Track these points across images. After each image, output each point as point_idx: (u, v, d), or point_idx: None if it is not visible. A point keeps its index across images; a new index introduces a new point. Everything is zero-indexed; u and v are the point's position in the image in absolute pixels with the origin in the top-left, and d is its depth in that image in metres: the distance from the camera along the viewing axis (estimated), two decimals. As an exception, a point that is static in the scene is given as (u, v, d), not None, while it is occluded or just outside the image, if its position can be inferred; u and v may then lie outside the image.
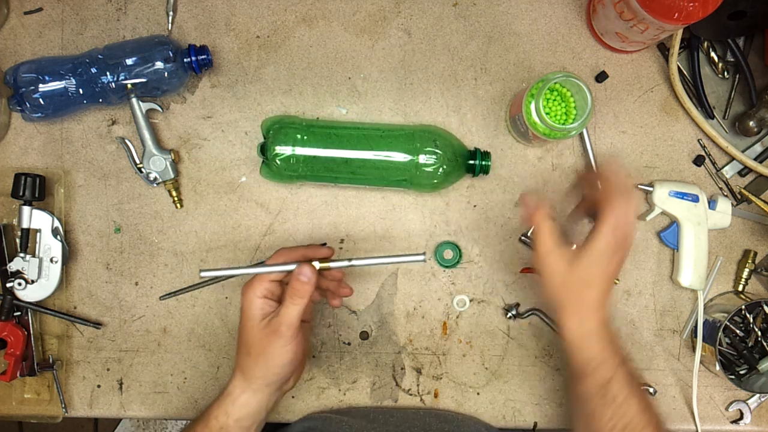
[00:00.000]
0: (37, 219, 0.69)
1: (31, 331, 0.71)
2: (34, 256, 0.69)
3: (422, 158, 0.66)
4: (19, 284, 0.68)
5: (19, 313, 0.71)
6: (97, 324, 0.72)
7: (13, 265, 0.69)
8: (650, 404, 0.57)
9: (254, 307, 0.58)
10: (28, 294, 0.69)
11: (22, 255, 0.69)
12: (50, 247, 0.70)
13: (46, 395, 0.73)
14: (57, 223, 0.70)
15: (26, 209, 0.69)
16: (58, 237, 0.70)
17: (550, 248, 0.57)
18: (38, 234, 0.70)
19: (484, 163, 0.69)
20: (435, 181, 0.67)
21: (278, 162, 0.66)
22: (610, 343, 0.57)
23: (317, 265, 0.60)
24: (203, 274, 0.61)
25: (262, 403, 0.59)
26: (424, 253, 0.60)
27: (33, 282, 0.69)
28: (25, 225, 0.69)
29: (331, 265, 0.61)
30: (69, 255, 0.72)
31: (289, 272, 0.60)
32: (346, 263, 0.60)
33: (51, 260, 0.70)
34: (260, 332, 0.58)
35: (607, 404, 0.56)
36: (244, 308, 0.59)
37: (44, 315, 0.73)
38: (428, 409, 0.73)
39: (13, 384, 0.73)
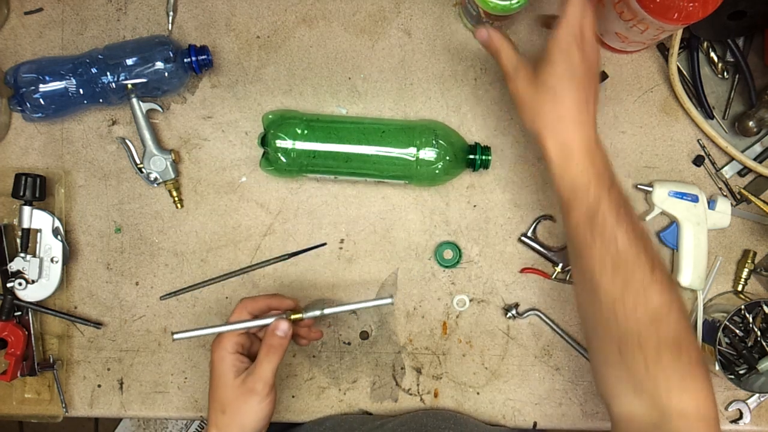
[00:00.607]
0: (37, 219, 0.70)
1: (32, 331, 0.71)
2: (34, 256, 0.69)
3: (423, 153, 0.66)
4: (20, 284, 0.68)
5: (19, 313, 0.71)
6: (98, 324, 0.73)
7: (14, 265, 0.69)
8: (643, 232, 0.53)
9: (226, 364, 0.57)
10: (29, 294, 0.69)
11: (22, 255, 0.69)
12: (51, 247, 0.70)
13: (47, 395, 0.73)
14: (57, 223, 0.70)
15: (27, 209, 0.69)
16: (59, 237, 0.70)
17: (512, 70, 0.55)
18: (39, 234, 0.70)
19: (484, 157, 0.69)
20: (435, 175, 0.67)
21: (278, 155, 0.66)
22: (592, 165, 0.53)
23: (291, 316, 0.60)
24: (176, 337, 0.60)
25: None
26: (391, 296, 0.62)
27: (33, 282, 0.69)
28: (25, 225, 0.69)
29: (305, 315, 0.61)
30: (69, 255, 0.72)
31: (263, 327, 0.60)
32: (318, 313, 0.61)
33: (51, 260, 0.70)
34: (235, 391, 0.56)
35: (596, 235, 0.52)
36: (216, 366, 0.57)
37: (45, 315, 0.73)
38: (426, 410, 0.73)
39: (14, 384, 0.73)
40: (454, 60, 0.73)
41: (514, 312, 0.72)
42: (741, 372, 0.72)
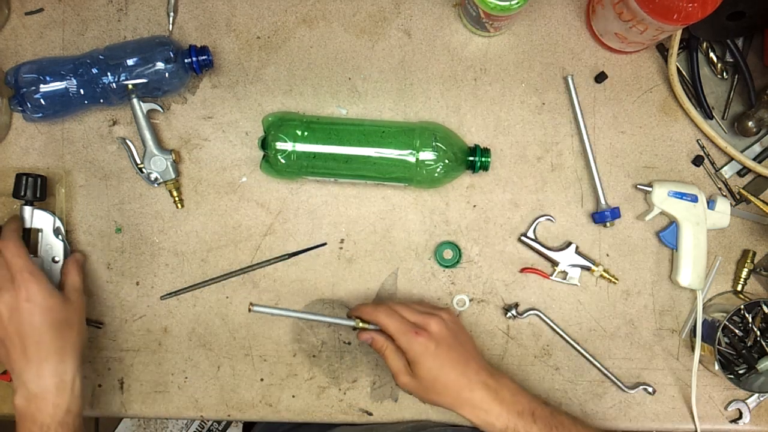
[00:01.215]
0: (38, 219, 0.70)
1: None
2: (35, 255, 0.69)
3: (423, 155, 0.66)
4: None
5: None
6: (98, 323, 0.73)
7: None
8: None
9: None
10: None
11: None
12: (51, 247, 0.70)
13: None
14: (58, 223, 0.70)
15: (27, 209, 0.69)
16: (60, 237, 0.70)
17: (397, 369, 0.63)
18: (39, 234, 0.70)
19: (483, 159, 0.69)
20: (435, 177, 0.68)
21: (278, 157, 0.67)
22: (500, 405, 0.60)
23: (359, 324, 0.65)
24: (255, 309, 0.62)
25: None
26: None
27: None
28: (26, 225, 0.69)
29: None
30: (70, 255, 0.72)
31: (346, 325, 0.66)
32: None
33: (53, 260, 0.70)
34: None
35: None
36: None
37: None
38: (409, 421, 0.73)
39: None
40: (454, 60, 0.74)
41: (513, 312, 0.72)
42: (740, 372, 0.72)
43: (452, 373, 0.60)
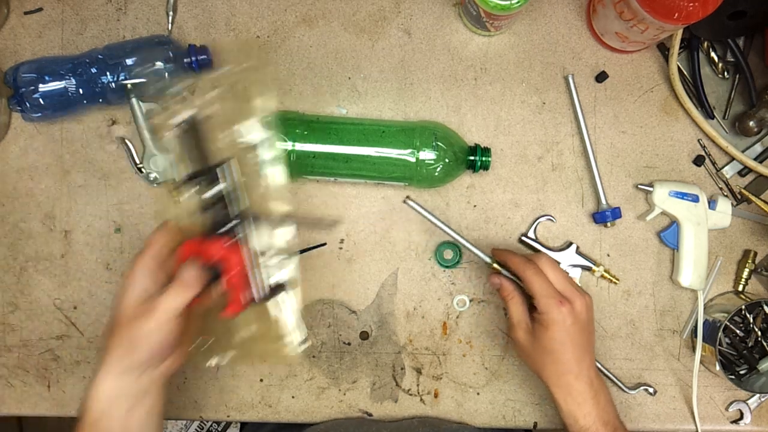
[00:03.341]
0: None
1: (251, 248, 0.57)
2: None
3: (423, 154, 0.66)
4: None
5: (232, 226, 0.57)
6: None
7: None
8: None
9: (135, 283, 0.55)
10: None
11: None
12: None
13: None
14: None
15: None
16: None
17: (516, 321, 0.63)
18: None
19: (484, 158, 0.69)
20: (435, 177, 0.67)
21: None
22: (595, 408, 0.60)
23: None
24: (410, 203, 0.62)
25: (131, 387, 0.54)
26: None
27: None
28: None
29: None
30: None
31: (483, 260, 0.63)
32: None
33: None
34: (132, 311, 0.53)
35: None
36: (126, 282, 0.55)
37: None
38: (422, 417, 0.73)
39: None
40: (455, 59, 0.73)
41: (514, 312, 0.72)
42: (741, 372, 0.72)
43: (571, 354, 0.60)
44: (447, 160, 0.67)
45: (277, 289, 0.57)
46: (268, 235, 0.57)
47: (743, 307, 0.71)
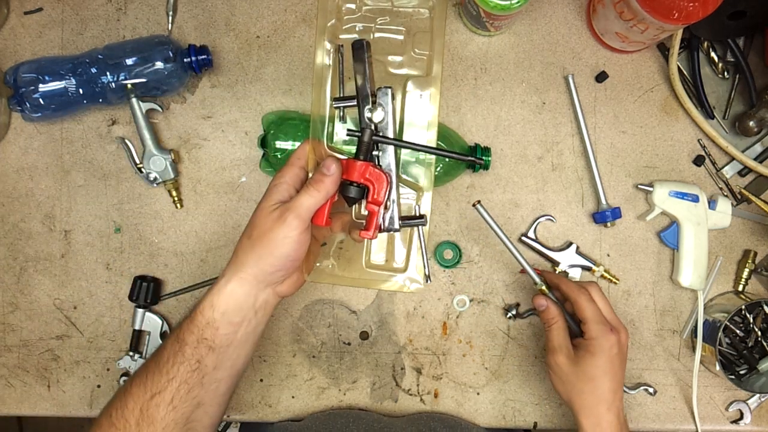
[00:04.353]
0: (148, 322, 0.72)
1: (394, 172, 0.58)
2: (141, 357, 0.72)
3: (422, 154, 0.66)
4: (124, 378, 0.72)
5: (378, 153, 0.59)
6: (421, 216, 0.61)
7: (122, 363, 0.72)
8: None
9: (276, 190, 0.55)
10: None
11: (131, 354, 0.72)
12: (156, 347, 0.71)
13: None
14: (165, 327, 0.72)
15: (140, 312, 0.71)
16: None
17: (557, 345, 0.61)
18: (148, 336, 0.72)
19: (484, 158, 0.69)
20: (435, 176, 0.67)
21: (278, 156, 0.66)
22: None
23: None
24: (478, 207, 0.60)
25: (250, 297, 0.54)
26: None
27: None
28: (137, 327, 0.72)
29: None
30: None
31: (533, 278, 0.62)
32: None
33: None
34: (268, 216, 0.53)
35: None
36: (267, 190, 0.56)
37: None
38: (430, 413, 0.73)
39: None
40: (455, 59, 0.73)
41: (514, 312, 0.72)
42: (741, 372, 0.72)
43: (609, 384, 0.60)
44: (447, 160, 0.67)
45: (412, 220, 0.60)
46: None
47: (743, 307, 0.71)
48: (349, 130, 0.58)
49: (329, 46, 0.60)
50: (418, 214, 0.62)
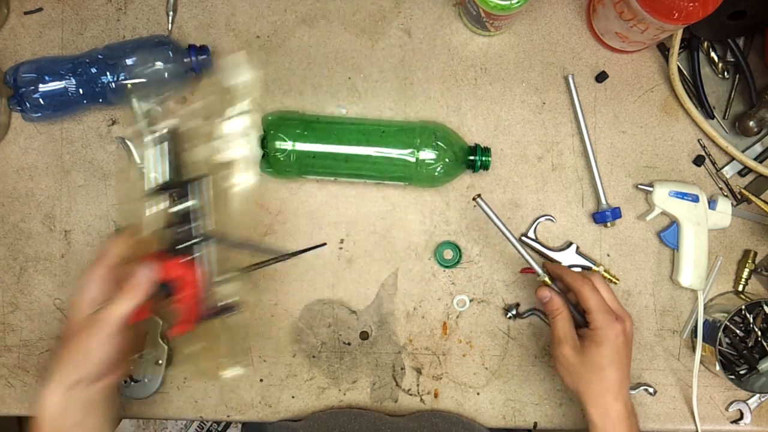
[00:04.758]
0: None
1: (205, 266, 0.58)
2: (140, 357, 0.71)
3: (423, 154, 0.66)
4: (125, 383, 0.71)
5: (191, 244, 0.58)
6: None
7: None
8: None
9: (88, 288, 0.54)
10: (133, 392, 0.71)
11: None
12: (157, 350, 0.71)
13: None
14: (166, 327, 0.72)
15: None
16: (165, 341, 0.71)
17: (563, 336, 0.61)
18: (146, 337, 0.71)
19: (484, 158, 0.69)
20: (435, 176, 0.67)
21: (278, 156, 0.66)
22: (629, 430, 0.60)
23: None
24: (479, 201, 0.60)
25: (71, 405, 0.53)
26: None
27: (137, 381, 0.71)
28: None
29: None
30: (171, 355, 0.72)
31: (536, 270, 0.62)
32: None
33: (157, 362, 0.71)
34: (81, 325, 0.54)
35: None
36: (78, 287, 0.55)
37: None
38: (432, 411, 0.73)
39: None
40: (455, 59, 0.73)
41: (514, 312, 0.72)
42: (741, 372, 0.72)
43: (616, 373, 0.60)
44: (447, 160, 0.67)
45: (226, 309, 0.59)
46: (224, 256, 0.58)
47: (743, 307, 0.71)
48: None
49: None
50: (226, 305, 0.60)
